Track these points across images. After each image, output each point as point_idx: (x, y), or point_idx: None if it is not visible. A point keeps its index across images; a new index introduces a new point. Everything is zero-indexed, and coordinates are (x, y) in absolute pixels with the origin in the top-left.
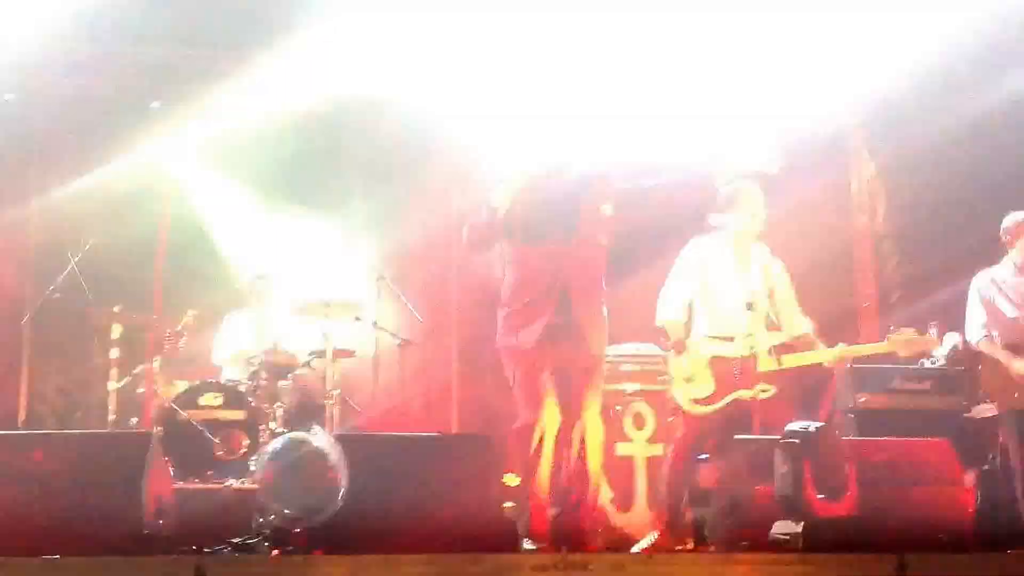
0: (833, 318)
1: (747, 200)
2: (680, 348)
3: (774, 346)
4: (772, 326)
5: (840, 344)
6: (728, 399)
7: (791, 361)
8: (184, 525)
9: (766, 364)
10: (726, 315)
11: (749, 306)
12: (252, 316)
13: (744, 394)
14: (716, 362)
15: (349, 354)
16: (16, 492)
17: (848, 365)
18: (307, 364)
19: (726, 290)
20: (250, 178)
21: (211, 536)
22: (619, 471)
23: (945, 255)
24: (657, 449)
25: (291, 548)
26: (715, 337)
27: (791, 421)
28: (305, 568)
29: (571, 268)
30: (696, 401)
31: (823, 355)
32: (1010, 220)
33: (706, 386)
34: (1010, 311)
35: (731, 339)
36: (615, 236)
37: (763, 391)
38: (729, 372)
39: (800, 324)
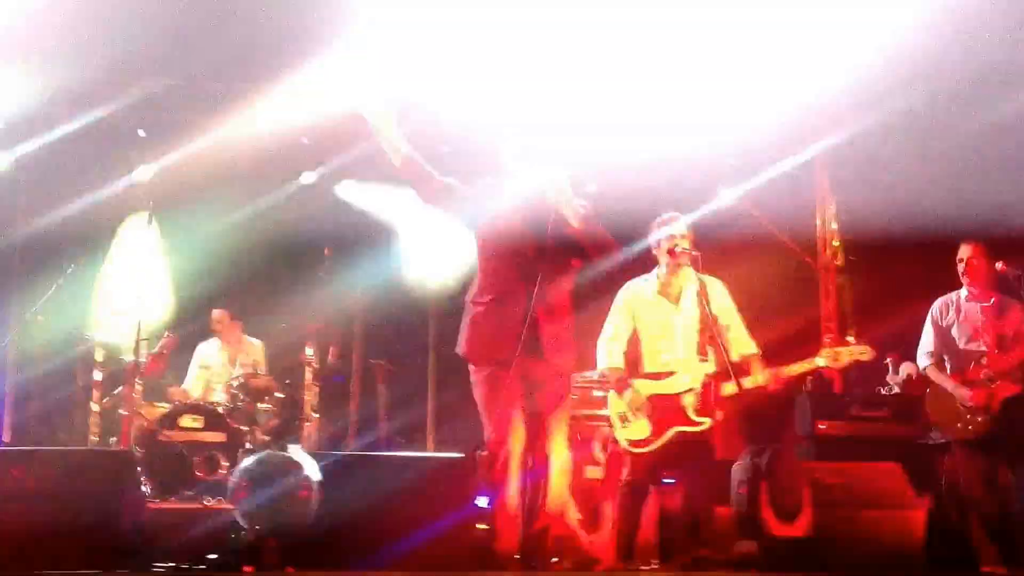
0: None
1: (668, 224)
2: (622, 387)
3: (714, 374)
4: (719, 351)
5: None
6: (666, 437)
7: (728, 389)
8: (160, 542)
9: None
10: (661, 353)
11: (701, 331)
12: (225, 343)
13: (683, 430)
14: (654, 400)
15: (327, 376)
16: None
17: (804, 390)
18: (286, 386)
19: (660, 327)
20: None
21: (186, 553)
22: (588, 493)
23: (900, 287)
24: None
25: (264, 564)
26: (651, 375)
27: (750, 446)
28: None
29: (539, 283)
30: (632, 443)
31: (758, 378)
32: (963, 250)
33: (642, 428)
34: (961, 340)
35: (669, 375)
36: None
37: (700, 424)
38: (667, 410)
39: (750, 344)
